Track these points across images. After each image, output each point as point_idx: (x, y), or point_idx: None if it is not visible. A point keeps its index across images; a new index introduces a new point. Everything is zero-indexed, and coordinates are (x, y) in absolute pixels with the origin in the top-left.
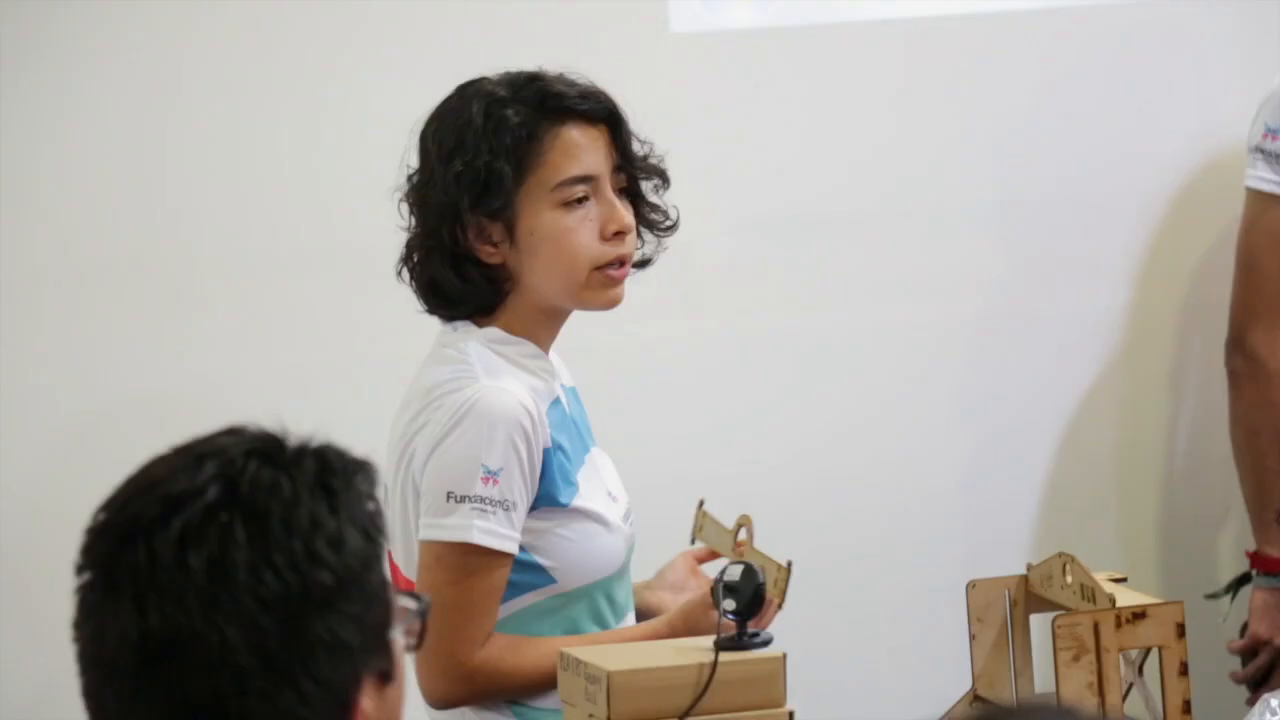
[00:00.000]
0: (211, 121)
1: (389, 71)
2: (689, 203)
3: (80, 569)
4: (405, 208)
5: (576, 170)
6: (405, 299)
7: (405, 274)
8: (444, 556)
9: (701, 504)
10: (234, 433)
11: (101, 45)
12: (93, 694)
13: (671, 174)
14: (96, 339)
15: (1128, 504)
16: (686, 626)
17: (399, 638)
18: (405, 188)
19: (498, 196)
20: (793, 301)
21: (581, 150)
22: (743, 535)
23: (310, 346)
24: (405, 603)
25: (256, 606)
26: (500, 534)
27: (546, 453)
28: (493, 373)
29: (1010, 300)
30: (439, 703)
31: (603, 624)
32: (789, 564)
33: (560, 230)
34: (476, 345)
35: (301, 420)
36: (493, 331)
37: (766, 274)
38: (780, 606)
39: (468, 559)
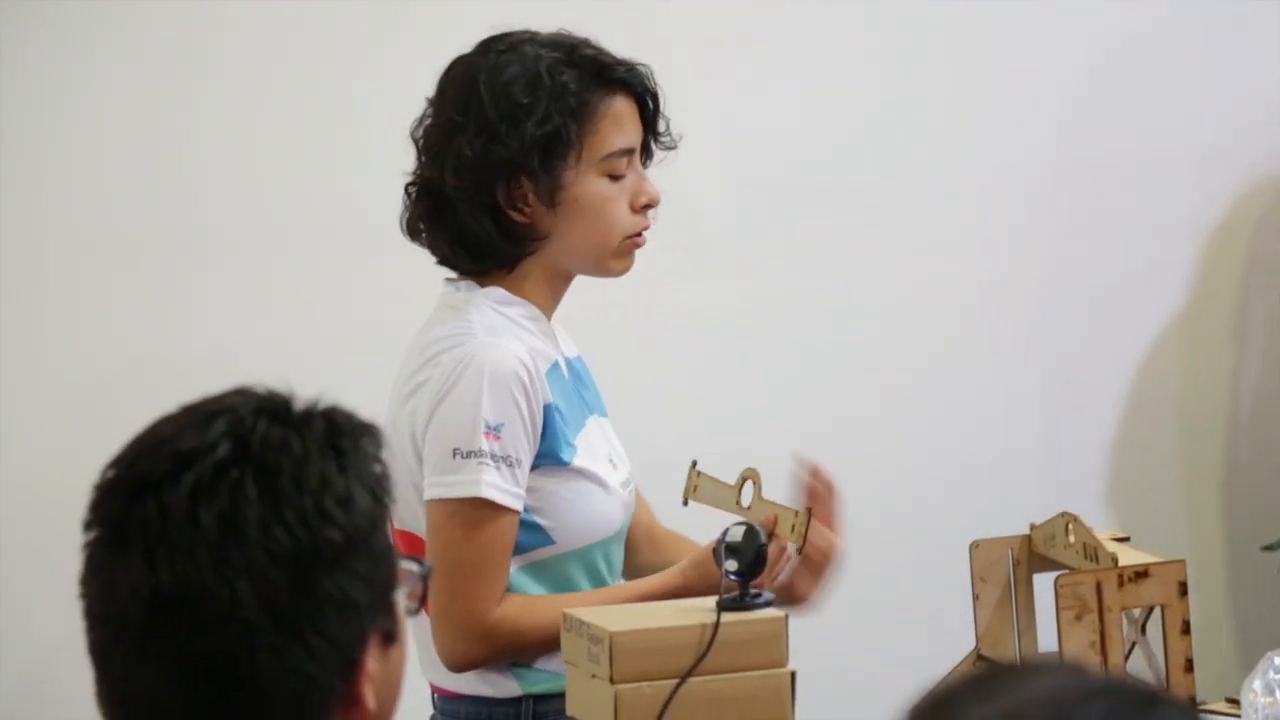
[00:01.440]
0: (219, 93)
1: (397, 41)
2: (695, 165)
3: (88, 525)
4: (421, 154)
5: (624, 142)
6: (409, 267)
7: (416, 222)
8: (455, 513)
9: (694, 464)
10: (241, 393)
11: (115, 19)
12: (100, 650)
13: (672, 149)
14: (103, 307)
15: (1191, 456)
16: (698, 574)
17: (402, 601)
18: (424, 135)
19: (565, 160)
20: (801, 263)
21: (626, 122)
22: (748, 490)
23: (316, 314)
24: (408, 566)
25: (267, 562)
26: (507, 490)
27: (547, 408)
28: (493, 330)
29: (1070, 254)
30: (458, 663)
31: (600, 585)
32: (808, 509)
33: (604, 199)
34: (478, 304)
35: (308, 386)
36: (495, 291)
37: (769, 236)
38: (801, 552)
39: (478, 514)
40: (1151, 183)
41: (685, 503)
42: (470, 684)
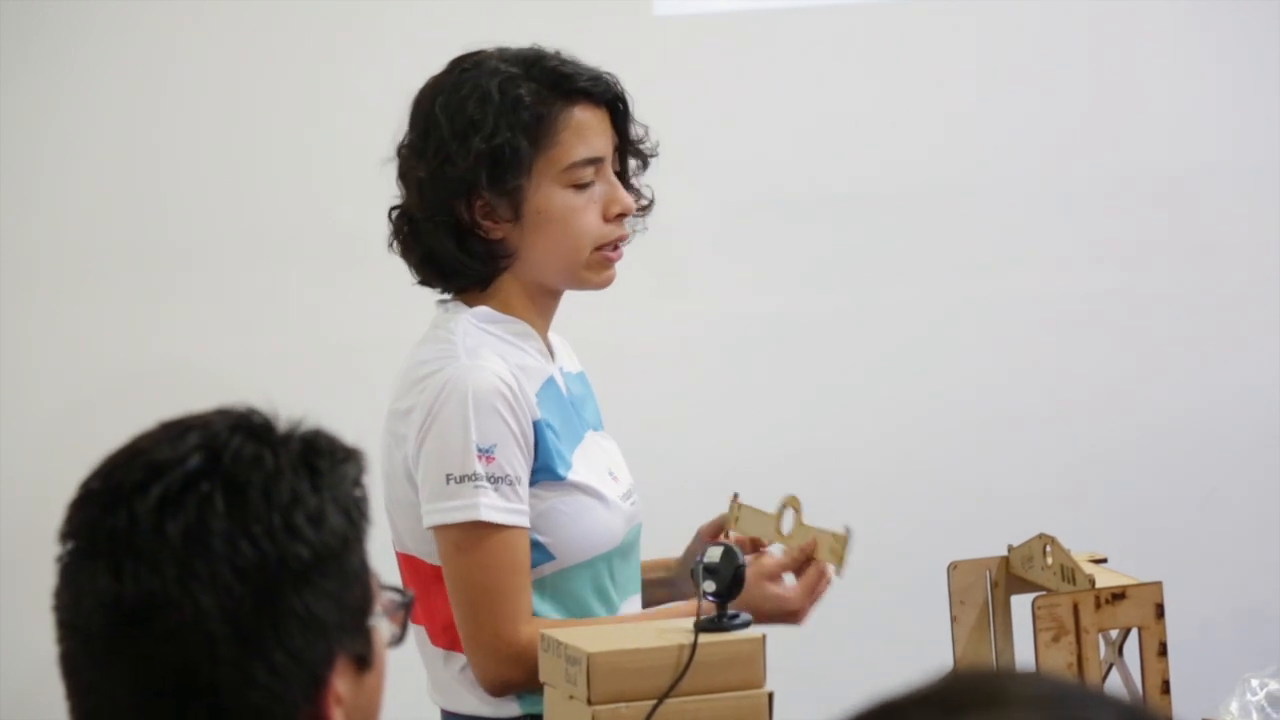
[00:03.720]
0: (198, 111)
1: (372, 56)
2: (672, 186)
3: (64, 537)
4: (397, 178)
5: (588, 152)
6: (383, 280)
7: (396, 245)
8: (461, 541)
9: (735, 496)
10: (224, 411)
11: (92, 39)
12: (69, 661)
13: (654, 157)
14: (84, 326)
15: (1170, 477)
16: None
17: (382, 628)
18: (398, 159)
19: (516, 174)
20: (777, 284)
21: (591, 132)
22: (789, 516)
23: (296, 331)
24: (390, 595)
25: (231, 576)
26: (508, 508)
27: (537, 425)
28: (474, 352)
29: (1047, 277)
30: (495, 687)
31: (606, 600)
32: (847, 530)
33: (569, 210)
34: (464, 324)
35: (288, 403)
36: (482, 310)
37: (750, 257)
38: (840, 574)
39: (483, 538)
40: (1137, 203)
41: (727, 535)
42: (470, 704)
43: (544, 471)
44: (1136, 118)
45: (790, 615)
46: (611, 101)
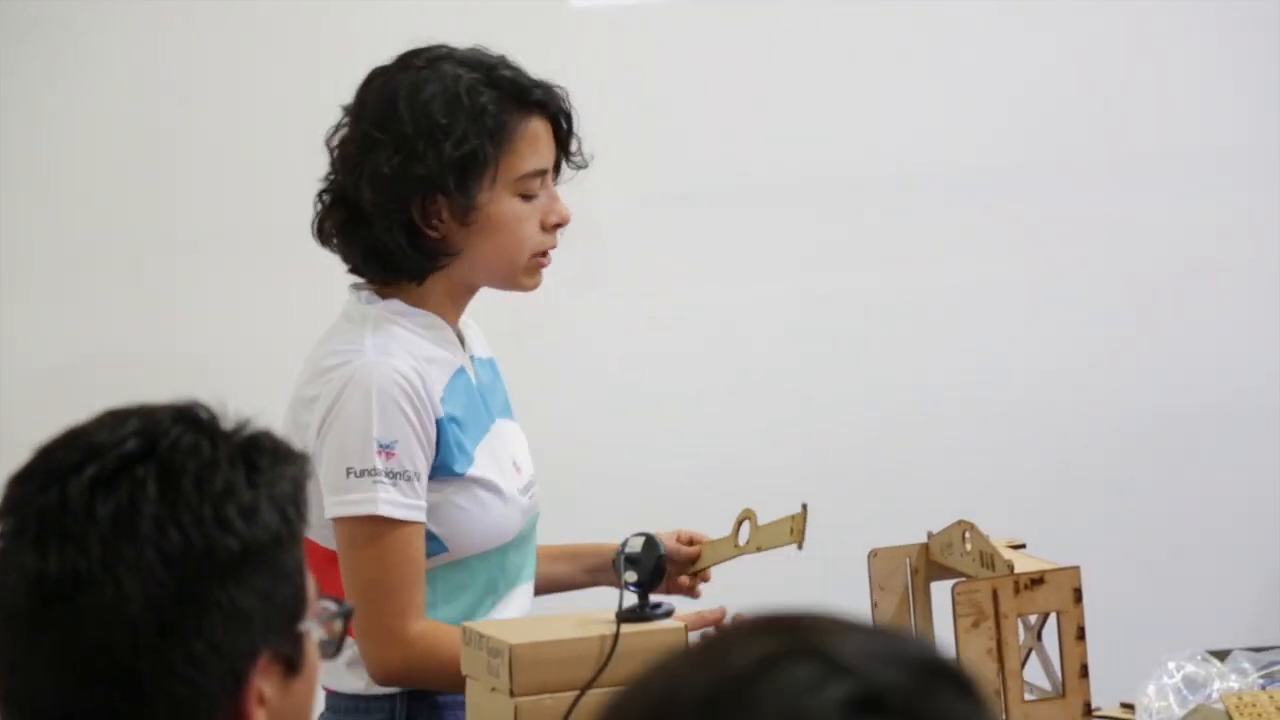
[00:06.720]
0: (178, 104)
1: (314, 53)
2: (593, 177)
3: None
4: (338, 166)
5: (539, 163)
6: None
7: (326, 229)
8: (357, 534)
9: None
10: (171, 404)
11: (66, 31)
12: None
13: (588, 156)
14: (62, 320)
15: (1086, 461)
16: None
17: (314, 634)
18: (341, 146)
19: (479, 180)
20: (701, 275)
21: (542, 144)
22: (745, 529)
23: (266, 323)
24: (326, 604)
25: (157, 561)
26: (405, 504)
27: (439, 422)
28: (381, 347)
29: (956, 265)
30: (382, 674)
31: (495, 593)
32: (804, 506)
33: (515, 219)
34: (374, 317)
35: (255, 397)
36: (394, 303)
37: (673, 247)
38: (800, 546)
39: (379, 532)
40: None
41: (693, 575)
42: (350, 683)
43: (440, 469)
44: (1126, 101)
45: None
46: (556, 115)
